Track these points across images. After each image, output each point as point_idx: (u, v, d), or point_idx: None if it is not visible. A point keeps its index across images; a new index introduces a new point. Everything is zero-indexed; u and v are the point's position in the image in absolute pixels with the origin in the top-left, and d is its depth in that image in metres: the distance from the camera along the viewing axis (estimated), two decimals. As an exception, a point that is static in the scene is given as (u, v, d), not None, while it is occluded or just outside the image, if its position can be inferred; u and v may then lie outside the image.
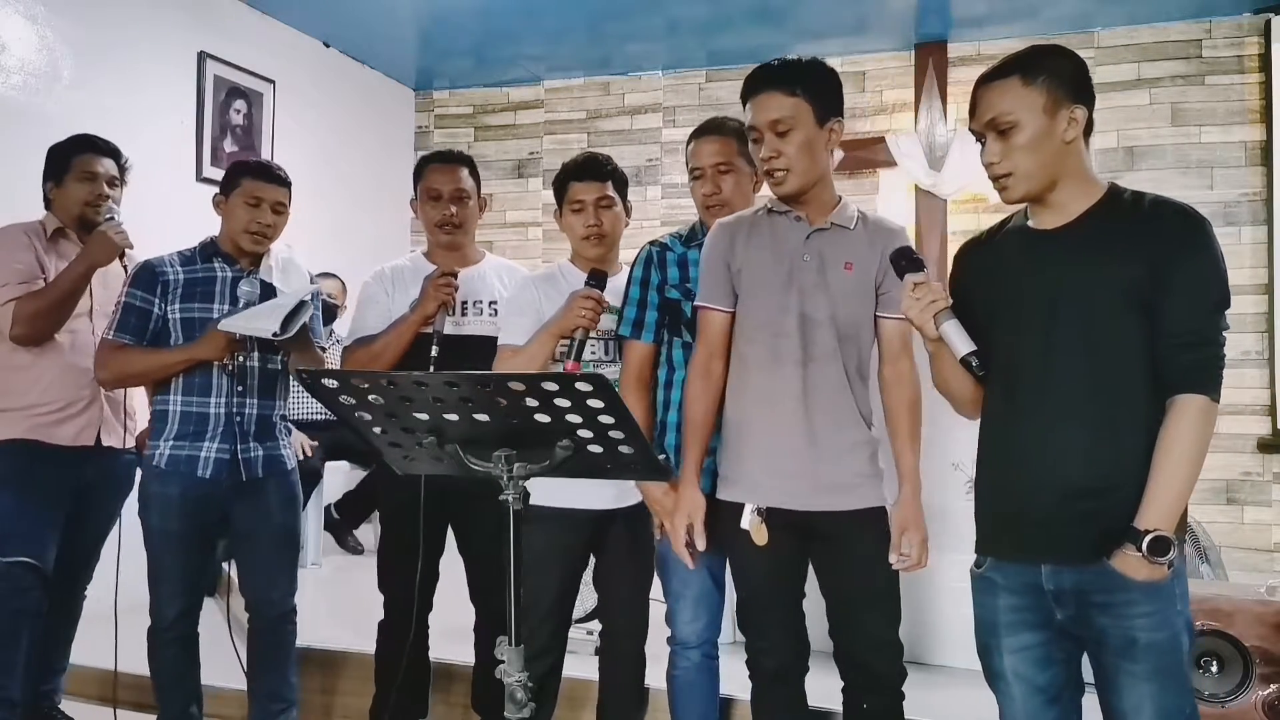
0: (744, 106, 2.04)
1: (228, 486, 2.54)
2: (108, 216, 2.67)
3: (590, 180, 2.37)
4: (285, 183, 2.63)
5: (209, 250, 2.62)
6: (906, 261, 1.79)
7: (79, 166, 2.74)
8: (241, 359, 2.53)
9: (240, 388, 2.54)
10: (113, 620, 2.72)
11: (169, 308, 2.54)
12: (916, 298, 1.73)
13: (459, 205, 2.68)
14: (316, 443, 4.36)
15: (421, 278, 2.60)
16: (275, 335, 2.42)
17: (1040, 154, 1.66)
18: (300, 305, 2.48)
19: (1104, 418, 1.64)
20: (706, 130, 2.35)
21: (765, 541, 2.01)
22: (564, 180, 2.42)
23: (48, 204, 2.80)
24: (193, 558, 2.57)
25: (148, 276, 2.54)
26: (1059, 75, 1.66)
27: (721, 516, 2.09)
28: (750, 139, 2.06)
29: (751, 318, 2.06)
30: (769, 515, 2.01)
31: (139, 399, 2.82)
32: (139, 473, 2.65)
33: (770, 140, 1.99)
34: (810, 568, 2.12)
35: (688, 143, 2.38)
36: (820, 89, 2.00)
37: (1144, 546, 1.55)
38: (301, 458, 4.25)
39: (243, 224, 2.56)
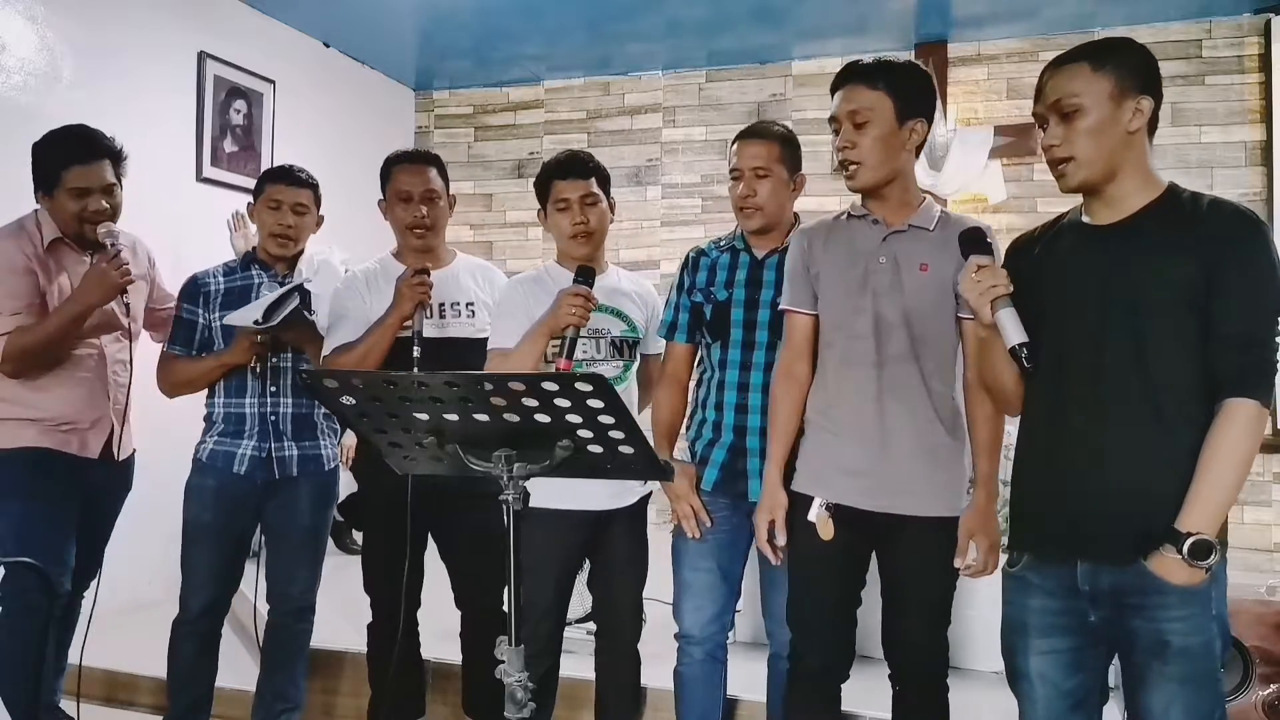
0: (832, 98, 2.07)
1: (262, 483, 2.62)
2: (107, 243, 2.52)
3: (574, 178, 2.38)
4: (306, 183, 2.69)
5: (249, 259, 2.73)
6: (972, 244, 1.78)
7: (69, 181, 2.55)
8: (274, 360, 2.62)
9: (273, 387, 2.63)
10: (112, 620, 2.73)
11: (211, 317, 2.63)
12: (977, 280, 1.71)
13: (430, 206, 2.63)
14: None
15: (394, 279, 2.56)
16: (257, 322, 2.47)
17: (1102, 141, 1.64)
18: (288, 294, 2.52)
19: (1151, 418, 1.61)
20: (750, 133, 2.37)
21: (831, 536, 2.03)
22: (546, 179, 2.42)
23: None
24: (223, 554, 2.62)
25: (192, 289, 2.67)
26: (1128, 65, 1.65)
27: (790, 508, 2.11)
28: (831, 129, 2.07)
29: (828, 320, 2.10)
30: (835, 511, 2.03)
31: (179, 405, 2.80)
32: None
33: (847, 131, 2.01)
34: (872, 573, 2.13)
35: (731, 142, 2.39)
36: (906, 88, 2.02)
37: (1185, 549, 1.53)
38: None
39: (267, 228, 2.66)
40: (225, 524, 2.61)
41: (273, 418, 2.62)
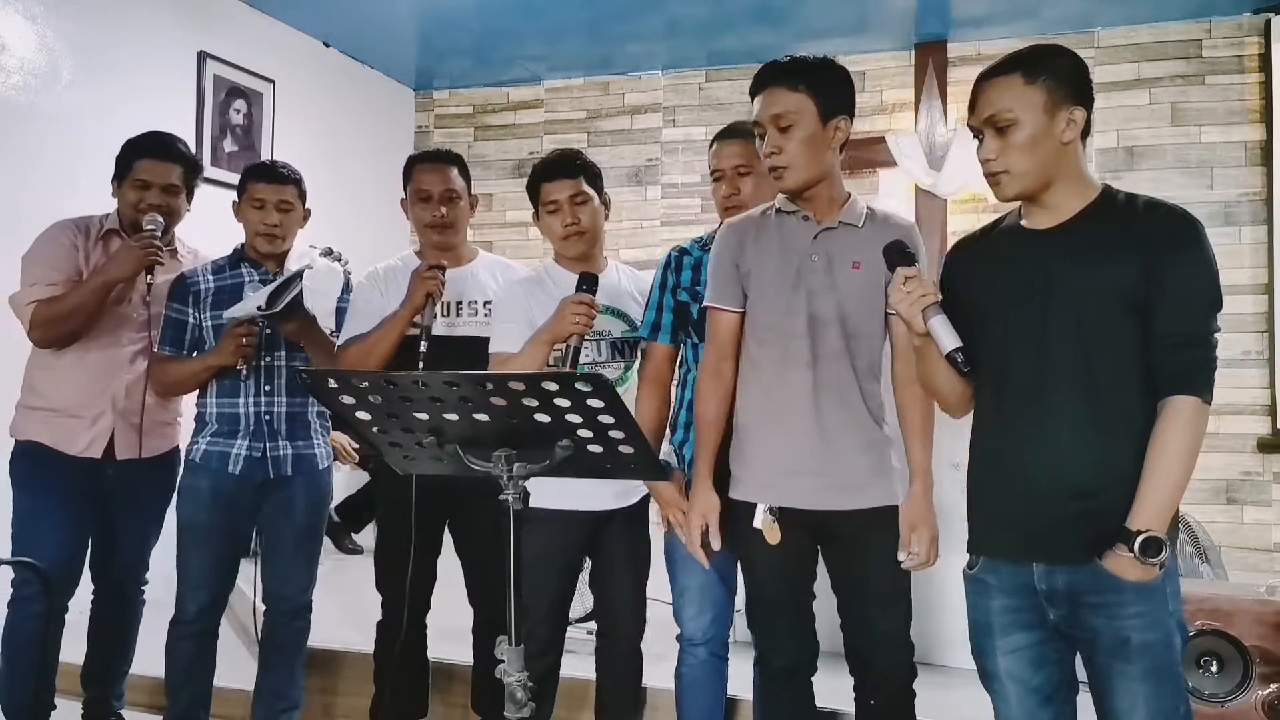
0: (752, 102, 2.05)
1: (257, 484, 2.60)
2: (148, 228, 2.58)
3: (562, 178, 2.35)
4: (289, 180, 2.66)
5: (237, 256, 2.71)
6: (897, 255, 1.79)
7: (136, 172, 2.67)
8: (268, 359, 2.60)
9: (268, 387, 2.61)
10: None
11: (202, 316, 2.62)
12: (906, 291, 1.73)
13: (449, 206, 2.64)
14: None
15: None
16: (260, 309, 2.46)
17: (1037, 154, 1.66)
18: (289, 280, 2.51)
19: (1096, 418, 1.64)
20: (729, 133, 2.36)
21: (778, 540, 2.02)
22: (536, 182, 2.40)
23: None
24: (219, 555, 2.61)
25: (181, 288, 2.65)
26: (1060, 75, 1.66)
27: (734, 515, 2.10)
28: (756, 134, 2.06)
29: (760, 318, 2.07)
30: (781, 514, 2.02)
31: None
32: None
33: (772, 135, 1.99)
34: (821, 566, 2.13)
35: (710, 144, 2.38)
36: (825, 86, 2.00)
37: (1136, 547, 1.55)
38: (344, 463, 4.20)
39: (254, 227, 2.64)
40: (221, 525, 2.59)
41: (267, 417, 2.60)
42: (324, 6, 4.92)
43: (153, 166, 2.67)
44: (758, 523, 2.02)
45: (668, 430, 2.38)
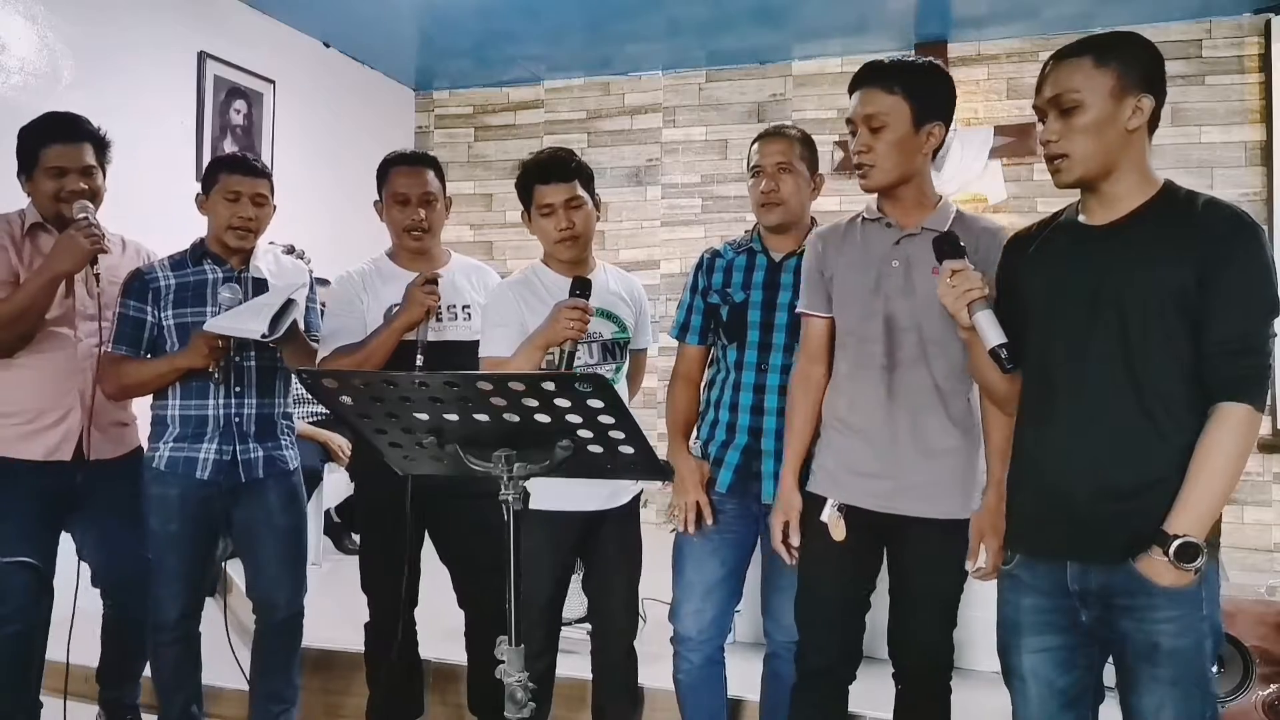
0: (850, 98, 2.06)
1: (227, 488, 2.53)
2: (79, 216, 2.45)
3: (556, 182, 2.32)
4: (263, 174, 2.60)
5: (198, 252, 2.60)
6: (947, 247, 1.78)
7: (46, 160, 2.51)
8: (237, 360, 2.52)
9: (238, 388, 2.53)
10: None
11: (162, 314, 2.52)
12: (952, 285, 1.72)
13: (427, 209, 2.59)
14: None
15: (391, 281, 2.54)
16: (265, 336, 2.41)
17: (1100, 138, 1.63)
18: (288, 303, 2.47)
19: (1140, 419, 1.61)
20: (770, 133, 2.39)
21: (842, 537, 2.04)
22: (529, 183, 2.36)
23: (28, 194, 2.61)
24: (194, 559, 2.56)
25: (138, 285, 2.53)
26: (1131, 61, 1.64)
27: (805, 508, 2.13)
28: (849, 131, 2.07)
29: (842, 323, 2.11)
30: (848, 514, 2.04)
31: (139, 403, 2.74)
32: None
33: (863, 134, 2.01)
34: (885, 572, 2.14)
35: (751, 144, 2.40)
36: (923, 91, 2.00)
37: (1171, 551, 1.53)
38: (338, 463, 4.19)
39: (225, 220, 2.54)
40: (193, 533, 2.53)
41: (237, 419, 2.53)
42: (324, 6, 4.91)
43: (63, 151, 2.52)
44: (825, 516, 2.05)
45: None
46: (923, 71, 2.04)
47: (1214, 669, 1.67)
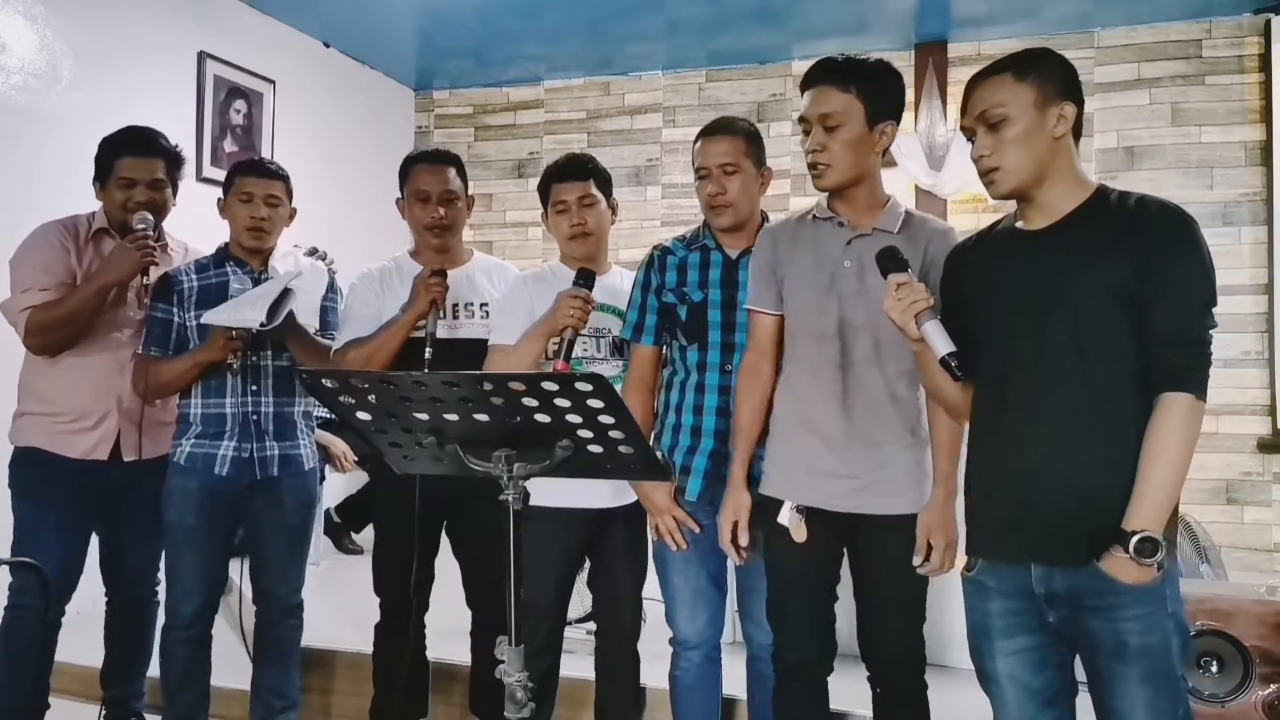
0: (802, 95, 2.05)
1: (244, 485, 2.58)
2: (139, 226, 2.55)
3: (572, 180, 2.40)
4: (277, 175, 2.65)
5: (221, 255, 2.68)
6: (888, 261, 1.79)
7: (119, 170, 2.64)
8: (255, 359, 2.57)
9: (254, 387, 2.59)
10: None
11: (186, 316, 2.59)
12: (898, 298, 1.73)
13: (448, 207, 2.63)
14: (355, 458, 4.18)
15: (409, 278, 2.56)
16: (262, 325, 2.43)
17: (1029, 148, 1.68)
18: (285, 292, 2.49)
19: (1094, 419, 1.63)
20: (713, 130, 2.32)
21: (804, 538, 2.04)
22: (547, 182, 2.44)
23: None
24: (209, 556, 2.59)
25: (164, 288, 2.62)
26: (1049, 73, 1.69)
27: (761, 510, 2.12)
28: (801, 129, 2.06)
29: (794, 322, 2.10)
30: (808, 514, 2.04)
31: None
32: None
33: (817, 133, 2.00)
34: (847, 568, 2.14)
35: (694, 141, 2.35)
36: (876, 89, 2.00)
37: (1131, 548, 1.54)
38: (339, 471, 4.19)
39: (241, 222, 2.62)
40: (210, 528, 2.57)
41: (254, 417, 2.58)
42: (324, 6, 4.92)
43: (135, 164, 2.64)
44: (783, 519, 2.04)
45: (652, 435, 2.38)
46: (875, 70, 2.03)
47: (1184, 666, 1.67)
